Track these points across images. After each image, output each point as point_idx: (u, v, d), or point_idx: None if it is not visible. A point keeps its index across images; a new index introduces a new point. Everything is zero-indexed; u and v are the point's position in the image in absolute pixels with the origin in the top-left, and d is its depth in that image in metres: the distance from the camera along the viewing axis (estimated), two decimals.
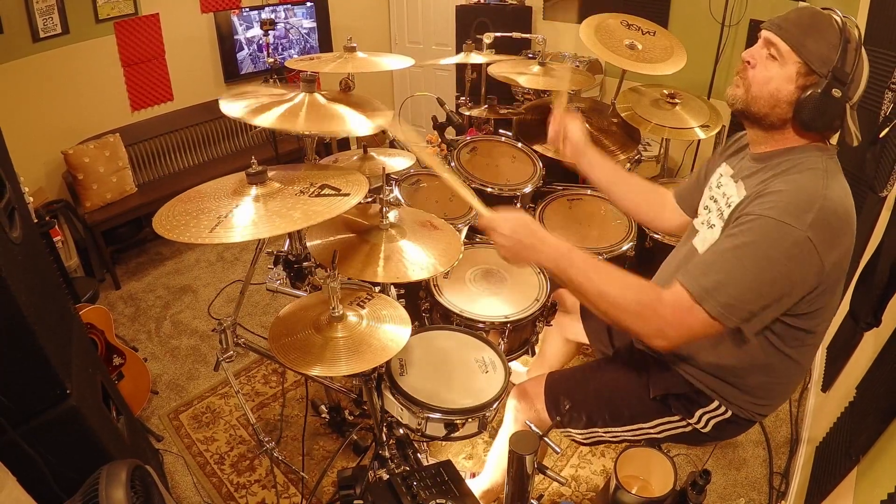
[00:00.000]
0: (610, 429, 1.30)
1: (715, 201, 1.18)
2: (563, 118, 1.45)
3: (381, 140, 2.08)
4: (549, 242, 1.11)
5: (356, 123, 1.37)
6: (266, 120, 1.29)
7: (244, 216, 1.09)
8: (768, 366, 1.12)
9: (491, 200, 1.94)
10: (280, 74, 3.29)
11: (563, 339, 1.69)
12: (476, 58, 1.98)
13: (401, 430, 1.51)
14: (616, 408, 1.28)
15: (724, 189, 1.16)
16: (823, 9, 1.01)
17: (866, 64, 0.99)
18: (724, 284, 0.96)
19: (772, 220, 0.94)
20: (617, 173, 1.46)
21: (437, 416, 1.27)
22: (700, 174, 1.34)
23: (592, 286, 1.05)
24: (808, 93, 0.98)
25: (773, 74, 1.01)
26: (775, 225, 0.93)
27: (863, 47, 0.98)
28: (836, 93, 0.96)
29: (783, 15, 1.03)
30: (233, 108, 1.33)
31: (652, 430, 1.27)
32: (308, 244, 1.35)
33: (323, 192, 1.17)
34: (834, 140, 1.09)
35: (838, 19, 0.98)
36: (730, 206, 1.10)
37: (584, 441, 1.35)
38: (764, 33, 1.04)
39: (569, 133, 1.43)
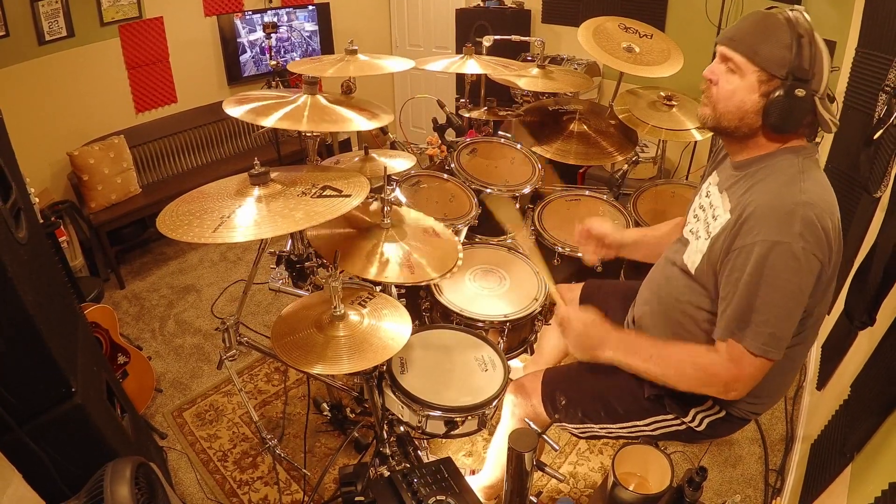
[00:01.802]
0: (605, 425, 1.31)
1: (703, 210, 1.20)
2: (588, 230, 1.49)
3: (382, 142, 2.09)
4: (615, 338, 1.21)
5: (358, 122, 1.39)
6: (271, 122, 1.32)
7: (247, 216, 1.11)
8: None
9: (491, 201, 1.96)
10: (282, 77, 3.31)
11: (560, 339, 1.71)
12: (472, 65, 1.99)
13: (401, 428, 1.53)
14: (611, 405, 1.29)
15: (712, 199, 1.18)
16: (769, 8, 1.02)
17: (824, 52, 0.99)
18: (760, 325, 0.99)
19: (766, 243, 0.95)
20: (652, 242, 1.50)
21: (438, 413, 1.29)
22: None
23: (658, 370, 1.14)
24: (773, 97, 0.99)
25: (735, 87, 1.02)
26: (771, 247, 0.95)
27: (816, 35, 0.98)
28: (800, 92, 0.97)
29: (734, 26, 1.04)
30: (239, 110, 1.36)
31: (647, 428, 1.29)
32: (310, 234, 1.37)
33: (325, 194, 1.19)
34: (821, 137, 1.10)
35: (787, 15, 0.98)
36: (715, 218, 1.11)
37: (580, 435, 1.36)
38: (719, 48, 1.05)
39: (605, 239, 1.49)
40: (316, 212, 1.12)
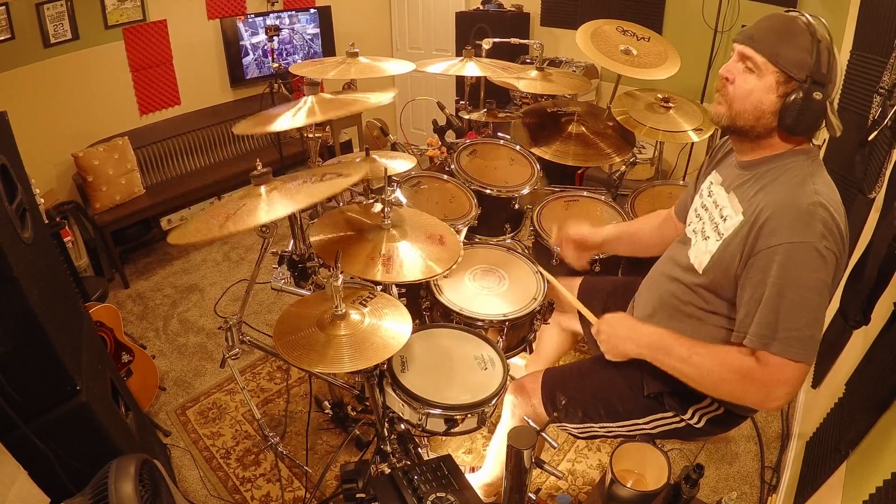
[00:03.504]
0: (605, 424, 1.32)
1: (706, 210, 1.20)
2: (567, 237, 1.52)
3: (382, 143, 2.11)
4: (644, 332, 1.20)
5: (368, 98, 1.43)
6: (285, 125, 1.34)
7: (251, 208, 1.12)
8: None
9: (490, 201, 1.98)
10: (284, 79, 3.33)
11: (558, 335, 1.72)
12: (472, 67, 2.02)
13: (402, 426, 1.54)
14: (611, 404, 1.30)
15: (716, 198, 1.18)
16: (788, 10, 1.04)
17: (838, 59, 1.01)
18: (794, 329, 0.96)
19: (791, 244, 0.95)
20: (632, 235, 1.51)
21: (438, 411, 1.30)
22: (694, 185, 1.36)
23: (695, 372, 1.10)
24: (791, 99, 1.00)
25: (753, 87, 1.03)
26: (796, 248, 0.95)
27: (833, 45, 1.00)
28: (818, 95, 0.99)
29: (753, 25, 1.05)
30: (263, 128, 1.39)
31: (646, 426, 1.30)
32: (312, 239, 1.38)
33: (324, 179, 1.21)
34: (820, 139, 1.11)
35: (807, 21, 1.00)
36: (724, 218, 1.11)
37: (580, 435, 1.38)
38: (738, 47, 1.05)
39: (585, 241, 1.50)
40: (317, 190, 1.14)
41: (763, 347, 0.99)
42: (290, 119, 1.37)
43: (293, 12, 3.70)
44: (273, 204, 1.12)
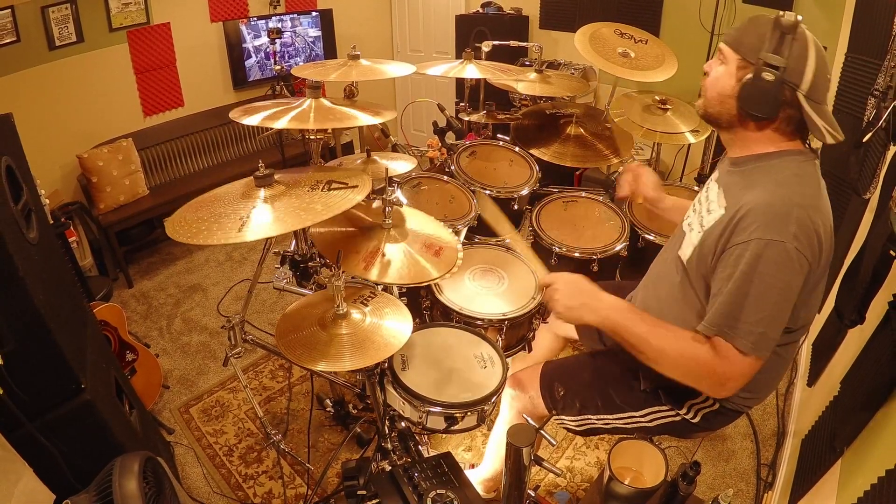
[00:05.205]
0: (602, 416, 1.33)
1: (700, 203, 1.22)
2: (634, 173, 1.53)
3: (383, 144, 2.13)
4: (605, 302, 1.15)
5: (362, 118, 1.44)
6: (280, 124, 1.36)
7: (266, 214, 1.13)
8: None
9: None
10: (286, 81, 3.35)
11: (553, 334, 1.73)
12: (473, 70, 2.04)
13: (402, 424, 1.55)
14: (609, 396, 1.31)
15: (709, 193, 1.20)
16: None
17: (812, 53, 1.00)
18: (751, 324, 0.98)
19: (762, 241, 0.96)
20: (681, 208, 1.50)
21: (438, 409, 1.31)
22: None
23: (655, 346, 1.08)
24: (744, 80, 1.03)
25: (720, 74, 1.08)
26: (766, 245, 0.96)
27: (806, 37, 1.00)
28: (768, 76, 0.99)
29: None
30: (254, 119, 1.40)
31: (643, 420, 1.31)
32: (311, 230, 1.39)
33: (332, 188, 1.22)
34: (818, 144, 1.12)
35: (779, 15, 1.01)
36: (710, 212, 1.13)
37: (577, 428, 1.38)
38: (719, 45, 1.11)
39: (645, 190, 1.51)
40: (333, 203, 1.14)
41: (715, 334, 1.01)
42: (288, 120, 1.38)
43: (295, 15, 3.73)
44: (290, 217, 1.12)
